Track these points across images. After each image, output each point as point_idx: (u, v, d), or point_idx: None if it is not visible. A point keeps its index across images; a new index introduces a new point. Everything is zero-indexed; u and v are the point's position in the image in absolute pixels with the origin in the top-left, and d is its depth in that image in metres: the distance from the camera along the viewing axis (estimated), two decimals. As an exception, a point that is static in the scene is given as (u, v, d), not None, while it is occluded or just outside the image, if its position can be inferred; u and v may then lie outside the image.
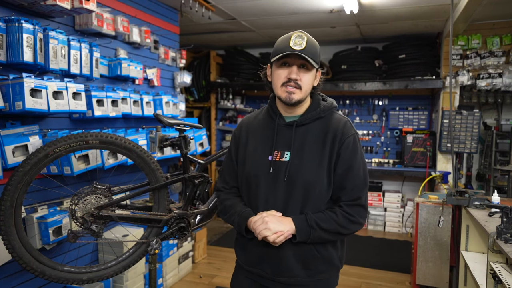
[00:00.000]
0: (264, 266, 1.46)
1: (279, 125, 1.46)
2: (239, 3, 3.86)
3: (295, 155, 1.42)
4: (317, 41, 1.45)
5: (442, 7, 3.80)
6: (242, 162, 1.52)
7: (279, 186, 1.42)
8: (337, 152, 1.41)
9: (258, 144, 1.48)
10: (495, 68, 4.18)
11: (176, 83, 3.83)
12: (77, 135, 1.88)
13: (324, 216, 1.39)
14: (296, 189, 1.40)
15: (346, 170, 1.41)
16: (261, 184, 1.44)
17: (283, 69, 1.40)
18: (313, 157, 1.41)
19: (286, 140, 1.44)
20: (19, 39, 1.99)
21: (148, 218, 2.06)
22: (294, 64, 1.38)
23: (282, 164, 1.42)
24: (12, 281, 2.17)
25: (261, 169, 1.44)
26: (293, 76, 1.37)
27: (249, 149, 1.50)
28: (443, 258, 3.17)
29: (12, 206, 1.75)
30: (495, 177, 4.66)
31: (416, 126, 5.40)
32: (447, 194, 2.83)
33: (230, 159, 1.58)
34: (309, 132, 1.44)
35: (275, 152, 1.44)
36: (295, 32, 1.39)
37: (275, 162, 1.43)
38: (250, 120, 1.58)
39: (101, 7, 2.70)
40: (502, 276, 1.78)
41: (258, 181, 1.44)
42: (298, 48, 1.34)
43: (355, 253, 4.42)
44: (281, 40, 1.42)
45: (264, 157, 1.45)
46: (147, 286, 3.04)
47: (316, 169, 1.40)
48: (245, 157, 1.50)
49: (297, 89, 1.39)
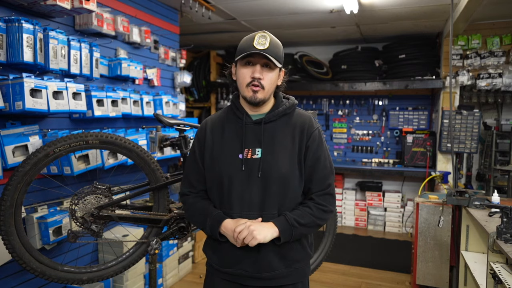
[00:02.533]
0: (243, 265, 1.46)
1: (246, 123, 1.48)
2: (239, 3, 3.86)
3: (266, 151, 1.44)
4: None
5: (442, 7, 3.80)
6: (209, 164, 1.49)
7: (253, 183, 1.43)
8: (306, 145, 1.47)
9: (226, 143, 1.48)
10: (495, 68, 4.18)
11: (176, 83, 3.83)
12: (77, 135, 1.88)
13: (301, 213, 1.45)
14: (271, 184, 1.43)
15: (315, 161, 1.48)
16: (234, 183, 1.44)
17: (247, 68, 1.43)
18: (284, 151, 1.45)
19: (255, 137, 1.47)
20: (19, 39, 1.99)
21: (148, 218, 2.06)
22: (257, 63, 1.41)
23: (254, 161, 1.44)
24: (12, 281, 2.17)
25: (232, 168, 1.44)
26: (257, 75, 1.40)
27: (216, 149, 1.49)
28: (443, 258, 3.17)
29: (12, 206, 1.75)
30: (495, 177, 4.66)
31: (416, 126, 5.40)
32: (447, 194, 2.83)
33: (195, 161, 1.54)
34: (277, 128, 1.48)
35: (245, 150, 1.45)
36: (259, 32, 1.42)
37: (247, 160, 1.44)
38: (213, 121, 1.55)
39: (101, 7, 2.70)
40: (502, 276, 1.78)
41: (231, 180, 1.44)
42: (261, 48, 1.38)
43: (355, 253, 4.42)
44: (245, 39, 1.45)
45: (234, 156, 1.46)
46: (147, 286, 3.04)
47: (288, 163, 1.44)
48: (213, 158, 1.48)
49: (261, 89, 1.42)
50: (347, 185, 5.84)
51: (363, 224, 5.51)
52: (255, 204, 1.44)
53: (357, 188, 5.70)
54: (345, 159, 5.88)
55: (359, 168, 5.27)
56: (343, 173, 5.73)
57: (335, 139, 5.94)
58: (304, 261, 1.55)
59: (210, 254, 1.56)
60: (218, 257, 1.51)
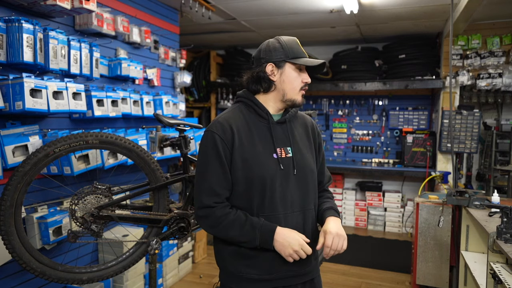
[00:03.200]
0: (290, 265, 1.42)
1: (272, 123, 1.47)
2: (239, 3, 3.86)
3: (295, 149, 1.48)
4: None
5: (442, 7, 3.80)
6: (241, 166, 1.39)
7: (291, 182, 1.44)
8: (318, 142, 1.59)
9: (257, 144, 1.42)
10: (495, 68, 4.18)
11: (176, 83, 3.83)
12: (77, 135, 1.88)
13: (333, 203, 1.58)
14: (305, 180, 1.47)
15: (322, 157, 1.63)
16: (275, 183, 1.40)
17: (299, 73, 1.45)
18: (306, 149, 1.52)
19: (283, 136, 1.47)
20: (19, 39, 1.99)
21: (148, 218, 2.06)
22: (305, 70, 1.46)
23: (288, 159, 1.45)
24: (12, 281, 2.17)
25: (271, 168, 1.40)
26: (310, 80, 1.46)
27: (247, 151, 1.40)
28: (443, 258, 3.17)
29: (12, 206, 1.75)
30: (495, 177, 4.66)
31: (416, 126, 5.40)
32: (447, 194, 2.83)
33: (221, 167, 1.39)
34: (295, 128, 1.54)
35: (278, 150, 1.44)
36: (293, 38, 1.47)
37: (282, 159, 1.43)
38: (234, 121, 1.44)
39: (101, 7, 2.70)
40: (502, 276, 1.78)
41: (273, 181, 1.40)
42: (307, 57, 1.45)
43: (355, 253, 4.42)
44: (291, 43, 1.44)
45: (269, 156, 1.42)
46: (147, 286, 3.04)
47: (311, 159, 1.53)
48: (246, 160, 1.39)
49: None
50: (347, 185, 5.83)
51: (363, 224, 5.51)
52: (296, 202, 1.45)
53: (357, 188, 5.70)
54: (345, 159, 5.88)
55: (359, 168, 5.27)
56: (343, 173, 5.73)
57: (335, 139, 5.94)
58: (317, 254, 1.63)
59: (243, 268, 1.42)
60: (258, 266, 1.42)
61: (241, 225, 1.37)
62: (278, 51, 1.42)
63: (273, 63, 1.43)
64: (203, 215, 1.41)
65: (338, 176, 5.68)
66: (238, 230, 1.37)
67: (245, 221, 1.37)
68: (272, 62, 1.43)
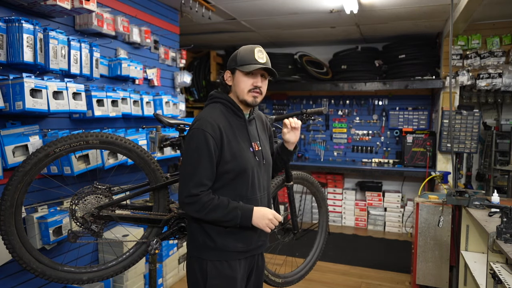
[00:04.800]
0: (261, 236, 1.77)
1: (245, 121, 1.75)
2: (239, 3, 3.86)
3: (261, 143, 1.79)
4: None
5: (442, 7, 3.80)
6: (230, 159, 1.64)
7: (262, 170, 1.76)
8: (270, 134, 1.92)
9: (240, 140, 1.69)
10: (495, 68, 4.18)
11: (176, 83, 3.83)
12: (77, 135, 1.88)
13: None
14: (269, 168, 1.83)
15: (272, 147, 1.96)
16: (255, 172, 1.71)
17: (249, 77, 1.67)
18: (266, 141, 1.86)
19: (254, 132, 1.78)
20: (19, 39, 1.99)
21: (148, 218, 2.06)
22: (258, 74, 1.68)
23: (259, 152, 1.76)
24: (12, 281, 2.17)
25: (251, 160, 1.70)
26: (259, 84, 1.68)
27: (234, 146, 1.66)
28: (443, 258, 3.17)
29: (12, 206, 1.75)
30: (495, 177, 4.66)
31: (416, 126, 5.40)
32: (447, 194, 2.83)
33: (210, 161, 1.60)
34: (257, 124, 1.83)
35: (253, 144, 1.73)
36: (256, 46, 1.68)
37: (257, 152, 1.74)
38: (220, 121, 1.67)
39: (101, 7, 2.70)
40: (502, 276, 1.78)
41: (253, 171, 1.70)
42: (262, 62, 1.66)
43: (355, 253, 4.42)
44: (245, 52, 1.67)
45: (248, 150, 1.71)
46: (147, 286, 3.04)
47: (270, 149, 1.88)
48: (234, 154, 1.65)
49: (259, 95, 1.70)
50: (347, 185, 5.84)
51: (363, 224, 5.51)
52: (265, 186, 1.79)
53: (357, 188, 5.70)
54: (345, 159, 5.88)
55: (359, 168, 5.27)
56: (343, 173, 5.73)
57: (335, 139, 5.94)
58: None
59: (232, 242, 1.68)
60: (243, 241, 1.71)
61: (224, 207, 1.61)
62: (233, 60, 1.69)
63: (229, 70, 1.72)
64: (190, 202, 1.61)
65: (338, 176, 5.68)
66: (222, 211, 1.61)
67: (227, 204, 1.62)
68: (229, 70, 1.72)
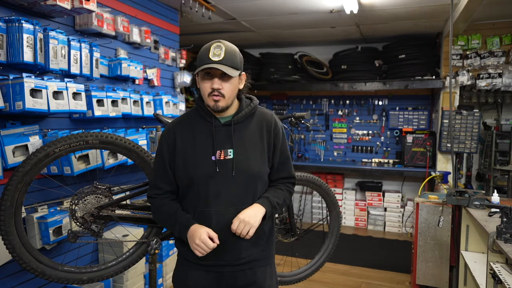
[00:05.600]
0: (224, 256, 1.55)
1: (216, 125, 1.54)
2: (239, 3, 3.86)
3: (238, 151, 1.53)
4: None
5: (442, 7, 3.80)
6: (182, 166, 1.54)
7: (228, 182, 1.52)
8: (273, 143, 1.60)
9: (197, 146, 1.53)
10: (495, 68, 4.18)
11: (176, 83, 3.83)
12: (77, 135, 1.88)
13: (277, 194, 1.61)
14: (246, 181, 1.53)
15: (282, 156, 1.64)
16: (209, 183, 1.51)
17: (207, 80, 1.48)
18: (254, 150, 1.56)
19: (226, 139, 1.54)
20: (19, 39, 1.99)
21: (148, 218, 2.06)
22: (215, 75, 1.46)
23: (227, 161, 1.52)
24: (12, 281, 2.17)
25: (207, 169, 1.51)
26: (215, 86, 1.45)
27: (187, 152, 1.53)
28: (443, 258, 3.17)
29: (12, 206, 1.75)
30: (495, 177, 4.67)
31: (416, 126, 5.40)
32: (447, 194, 2.83)
33: (163, 165, 1.57)
34: (245, 128, 1.57)
35: (217, 152, 1.52)
36: (214, 42, 1.47)
37: (220, 161, 1.52)
38: (181, 125, 1.59)
39: (101, 7, 2.70)
40: (502, 276, 1.78)
41: (206, 181, 1.51)
42: (217, 59, 1.43)
43: (355, 253, 4.42)
44: (202, 50, 1.49)
45: (207, 158, 1.52)
46: (147, 286, 3.04)
47: (260, 160, 1.56)
48: (186, 161, 1.53)
49: (221, 97, 1.47)
50: (347, 185, 5.84)
51: (363, 224, 5.51)
52: (231, 202, 1.52)
53: (357, 188, 5.70)
54: (345, 159, 5.88)
55: (359, 168, 5.27)
56: (343, 173, 5.73)
57: (335, 139, 5.94)
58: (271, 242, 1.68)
59: (184, 249, 1.60)
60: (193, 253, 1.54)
61: (169, 216, 1.56)
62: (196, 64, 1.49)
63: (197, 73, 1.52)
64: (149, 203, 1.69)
65: (338, 176, 5.68)
66: (166, 220, 1.59)
67: (173, 214, 1.55)
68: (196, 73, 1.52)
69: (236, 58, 1.49)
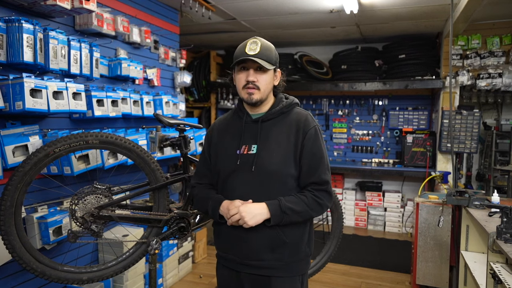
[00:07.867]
0: (234, 250, 1.58)
1: (246, 122, 1.61)
2: (239, 3, 3.86)
3: (261, 147, 1.56)
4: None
5: (442, 7, 3.80)
6: (215, 159, 1.65)
7: (247, 176, 1.54)
8: (302, 143, 1.55)
9: (228, 141, 1.63)
10: (495, 68, 4.18)
11: (176, 83, 3.83)
12: (77, 135, 1.88)
13: (296, 200, 1.53)
14: (263, 178, 1.53)
15: (311, 158, 1.55)
16: (231, 176, 1.57)
17: (242, 73, 1.56)
18: (279, 148, 1.55)
19: (253, 134, 1.59)
20: (19, 39, 1.99)
21: (148, 218, 2.06)
22: (250, 68, 1.54)
23: (249, 156, 1.55)
24: (12, 281, 2.17)
25: (229, 162, 1.58)
26: (250, 78, 1.52)
27: (220, 146, 1.65)
28: (443, 258, 3.17)
29: (12, 206, 1.75)
30: (495, 177, 4.66)
31: (416, 126, 5.40)
32: (447, 194, 2.83)
33: (204, 158, 1.72)
34: (274, 126, 1.59)
35: (243, 147, 1.58)
36: (251, 38, 1.56)
37: (242, 155, 1.57)
38: (220, 122, 1.73)
39: (101, 7, 2.70)
40: (502, 276, 1.78)
41: (229, 173, 1.58)
42: (252, 53, 1.50)
43: (355, 253, 4.42)
44: (239, 47, 1.57)
45: (232, 152, 1.59)
46: (147, 286, 3.04)
47: (282, 159, 1.54)
48: (217, 154, 1.64)
49: (256, 90, 1.54)
50: (347, 185, 5.83)
51: (363, 224, 5.51)
52: (247, 196, 1.53)
53: (357, 188, 5.70)
54: (345, 159, 5.88)
55: (359, 168, 5.27)
56: (343, 173, 5.73)
57: (335, 139, 5.94)
58: (299, 258, 1.59)
59: (215, 239, 1.70)
60: (220, 241, 1.66)
61: (203, 199, 1.65)
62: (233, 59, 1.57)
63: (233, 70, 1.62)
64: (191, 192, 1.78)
65: (338, 176, 5.68)
66: (202, 202, 1.66)
67: (208, 195, 1.63)
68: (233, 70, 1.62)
69: (271, 54, 1.55)
